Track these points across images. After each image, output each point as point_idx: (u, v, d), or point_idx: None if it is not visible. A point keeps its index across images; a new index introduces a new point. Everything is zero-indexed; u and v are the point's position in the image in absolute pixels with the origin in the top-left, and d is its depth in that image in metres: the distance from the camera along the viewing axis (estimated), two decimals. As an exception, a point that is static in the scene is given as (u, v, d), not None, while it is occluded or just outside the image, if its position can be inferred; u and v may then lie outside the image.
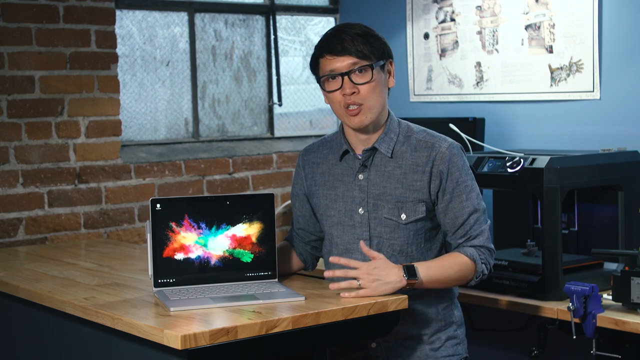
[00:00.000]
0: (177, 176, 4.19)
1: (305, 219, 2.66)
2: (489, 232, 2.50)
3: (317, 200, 2.59)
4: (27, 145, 3.75)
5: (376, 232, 2.49)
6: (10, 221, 3.71)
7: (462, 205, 2.45)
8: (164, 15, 4.30)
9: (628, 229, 3.22)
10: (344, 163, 2.55)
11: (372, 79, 2.42)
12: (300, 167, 2.65)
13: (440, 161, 2.44)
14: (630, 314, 2.81)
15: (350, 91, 2.41)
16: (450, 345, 2.53)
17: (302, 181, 2.64)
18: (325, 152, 2.60)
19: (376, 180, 2.49)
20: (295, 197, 2.68)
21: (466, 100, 4.18)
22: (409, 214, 2.46)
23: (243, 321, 2.09)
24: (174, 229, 2.42)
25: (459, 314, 2.59)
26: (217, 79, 4.49)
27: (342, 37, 2.41)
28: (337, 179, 2.55)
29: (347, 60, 2.41)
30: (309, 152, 2.65)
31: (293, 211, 2.71)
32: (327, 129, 4.92)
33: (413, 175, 2.46)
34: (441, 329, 2.52)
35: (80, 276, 2.78)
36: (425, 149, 2.47)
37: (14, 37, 3.71)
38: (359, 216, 2.50)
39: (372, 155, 2.50)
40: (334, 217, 2.55)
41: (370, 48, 2.42)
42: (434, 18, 4.29)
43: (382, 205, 2.47)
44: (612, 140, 3.55)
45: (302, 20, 4.83)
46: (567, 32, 3.74)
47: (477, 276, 2.46)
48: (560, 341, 3.26)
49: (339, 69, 2.41)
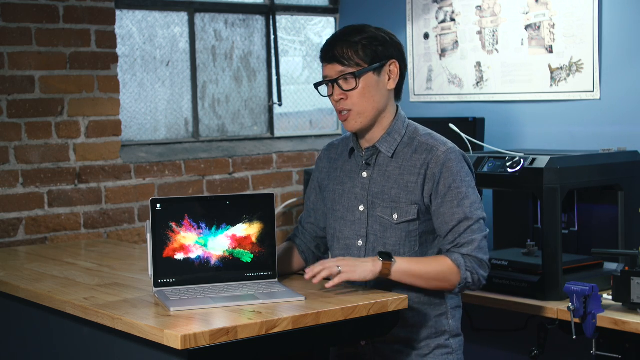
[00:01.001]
0: (177, 176, 4.19)
1: (318, 214, 2.69)
2: (483, 242, 2.43)
3: (327, 194, 2.64)
4: (27, 145, 3.75)
5: (372, 230, 2.51)
6: (10, 221, 3.71)
7: (453, 211, 2.42)
8: (164, 15, 4.30)
9: (628, 229, 3.22)
10: (352, 160, 2.59)
11: (356, 86, 2.44)
12: (321, 160, 2.71)
13: (435, 164, 2.43)
14: (630, 314, 2.81)
15: (338, 97, 2.47)
16: (440, 354, 2.51)
17: (320, 174, 2.69)
18: (342, 149, 2.65)
19: (377, 179, 2.51)
20: (312, 190, 2.72)
21: (466, 100, 4.18)
22: (401, 214, 2.46)
23: (243, 321, 2.09)
24: (174, 229, 2.42)
25: (455, 324, 2.55)
26: (217, 79, 4.49)
27: (334, 44, 2.46)
28: (346, 175, 2.59)
29: (335, 68, 2.46)
30: (329, 147, 2.71)
31: (306, 205, 2.74)
32: (327, 129, 4.92)
33: (409, 176, 2.46)
34: (431, 336, 2.51)
35: (80, 276, 2.78)
36: (424, 151, 2.47)
37: (14, 37, 3.71)
38: (359, 213, 2.53)
39: (375, 154, 2.53)
40: (338, 212, 2.58)
41: (360, 54, 2.43)
42: (434, 18, 4.29)
43: (378, 203, 2.50)
44: (612, 140, 3.55)
45: (302, 20, 4.83)
46: (567, 32, 3.74)
47: (460, 283, 2.42)
48: (560, 341, 3.25)
49: (329, 76, 2.48)
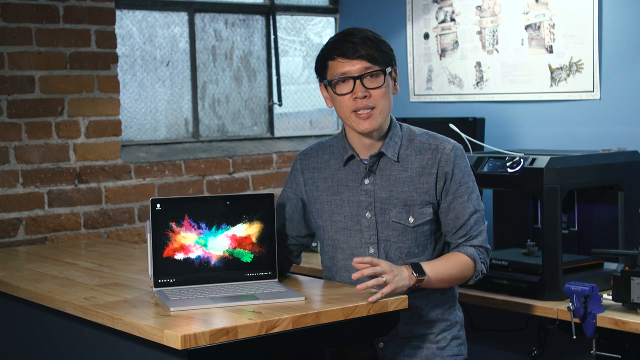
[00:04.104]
0: (177, 176, 4.19)
1: (293, 224, 2.63)
2: (486, 232, 2.55)
3: (320, 206, 2.56)
4: (27, 145, 3.75)
5: (383, 236, 2.49)
6: (10, 221, 3.71)
7: (464, 205, 2.48)
8: (164, 15, 4.29)
9: (628, 229, 3.22)
10: (348, 168, 2.53)
11: (384, 83, 2.42)
12: (298, 172, 2.61)
13: (446, 163, 2.46)
14: (630, 314, 2.81)
15: (362, 95, 2.40)
16: (455, 345, 2.56)
17: (300, 186, 2.61)
18: (327, 157, 2.58)
19: (383, 185, 2.49)
20: (287, 200, 2.63)
21: (466, 100, 4.18)
22: (417, 217, 2.47)
23: (243, 321, 2.09)
24: (174, 229, 2.42)
25: (461, 315, 2.63)
26: (217, 79, 4.48)
27: (354, 41, 2.40)
28: (341, 184, 2.53)
29: (359, 64, 2.40)
30: (307, 157, 2.61)
31: (279, 213, 2.63)
32: (327, 129, 4.92)
33: (420, 177, 2.47)
34: (446, 328, 2.55)
35: (80, 276, 2.78)
36: (430, 151, 2.48)
37: (14, 37, 3.71)
38: (366, 220, 2.50)
39: (378, 160, 2.51)
40: (339, 223, 2.53)
41: (379, 53, 2.42)
42: (434, 18, 4.29)
43: (389, 209, 2.47)
44: (612, 140, 3.55)
45: (302, 20, 4.83)
46: (567, 32, 3.74)
47: (476, 275, 2.51)
48: (560, 341, 3.25)
49: (350, 72, 2.40)
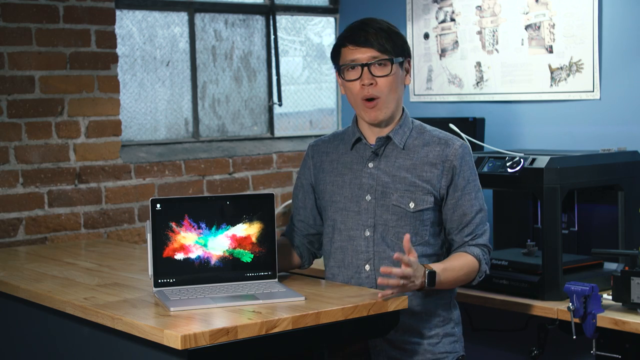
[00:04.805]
0: (177, 176, 4.19)
1: (307, 212, 2.68)
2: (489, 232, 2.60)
3: (323, 187, 2.63)
4: (27, 145, 3.75)
5: (382, 220, 2.51)
6: (10, 221, 3.71)
7: (472, 203, 2.52)
8: (164, 15, 4.29)
9: (628, 229, 3.22)
10: (354, 152, 2.59)
11: (390, 72, 2.49)
12: (309, 157, 2.69)
13: (454, 157, 2.50)
14: (630, 314, 2.81)
15: (368, 82, 2.48)
16: (448, 342, 2.57)
17: (309, 170, 2.68)
18: (336, 143, 2.66)
19: (387, 169, 2.54)
20: (300, 189, 2.71)
21: (466, 100, 4.18)
22: (418, 203, 2.50)
23: (243, 321, 2.09)
24: (174, 229, 2.42)
25: (457, 312, 2.64)
26: (217, 79, 4.48)
27: (366, 30, 2.50)
28: (345, 167, 2.59)
29: (368, 53, 2.49)
30: (318, 144, 2.71)
31: (294, 203, 2.73)
32: (327, 129, 4.92)
33: (423, 166, 2.51)
34: (439, 325, 2.56)
35: (80, 276, 2.78)
36: (438, 145, 2.53)
37: (14, 37, 3.71)
38: (366, 203, 2.53)
39: (384, 145, 2.55)
40: (339, 203, 2.58)
41: (391, 44, 2.50)
42: (434, 18, 4.29)
43: (391, 192, 2.51)
44: (612, 140, 3.55)
45: (302, 20, 4.83)
46: (567, 32, 3.74)
47: (479, 276, 2.54)
48: (560, 341, 3.25)
49: (359, 60, 2.49)
